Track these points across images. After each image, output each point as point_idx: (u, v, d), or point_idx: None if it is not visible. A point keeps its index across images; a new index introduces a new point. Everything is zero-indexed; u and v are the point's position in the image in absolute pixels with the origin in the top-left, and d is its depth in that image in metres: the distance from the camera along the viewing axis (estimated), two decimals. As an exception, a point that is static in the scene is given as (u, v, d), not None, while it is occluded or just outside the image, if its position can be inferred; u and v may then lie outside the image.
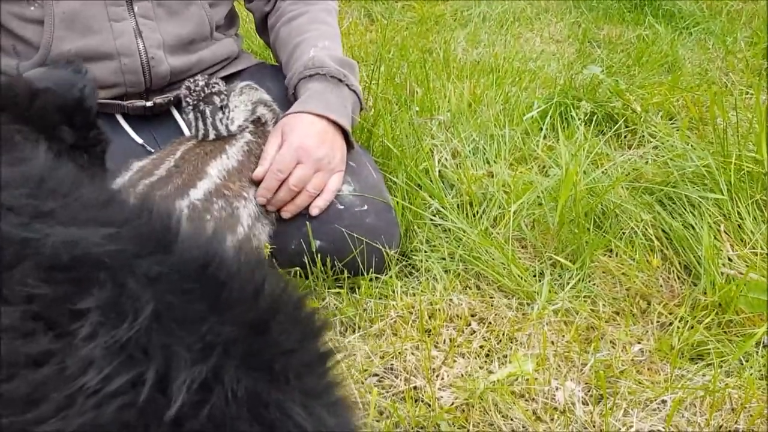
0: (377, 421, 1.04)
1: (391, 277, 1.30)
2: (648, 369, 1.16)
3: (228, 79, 1.39)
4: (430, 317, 1.24)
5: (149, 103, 1.33)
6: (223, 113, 1.22)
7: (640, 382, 1.12)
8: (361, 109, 1.40)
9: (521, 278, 1.30)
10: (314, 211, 1.25)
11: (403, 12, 2.95)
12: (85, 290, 0.45)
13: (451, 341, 1.19)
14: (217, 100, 1.22)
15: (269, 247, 1.25)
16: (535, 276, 1.34)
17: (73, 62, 1.03)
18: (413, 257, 1.37)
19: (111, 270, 0.46)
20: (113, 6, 1.26)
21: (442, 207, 1.42)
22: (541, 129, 1.79)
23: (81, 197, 0.52)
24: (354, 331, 1.22)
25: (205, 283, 0.50)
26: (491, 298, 1.29)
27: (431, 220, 1.43)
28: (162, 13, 1.31)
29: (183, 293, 0.48)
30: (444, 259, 1.36)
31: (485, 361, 1.16)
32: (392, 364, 1.14)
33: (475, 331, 1.22)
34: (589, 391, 1.10)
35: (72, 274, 0.46)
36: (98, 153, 1.03)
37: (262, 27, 1.52)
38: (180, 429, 0.42)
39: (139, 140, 1.36)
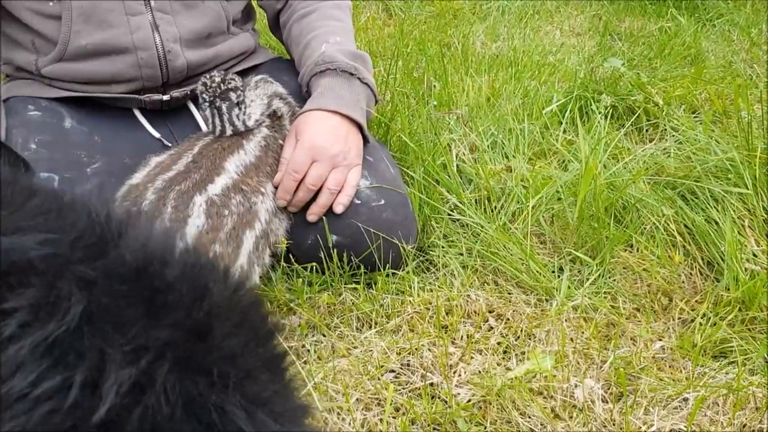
0: (393, 417, 1.03)
1: (408, 272, 1.29)
2: (669, 366, 1.15)
3: (245, 73, 1.38)
4: (447, 313, 1.23)
5: (166, 97, 1.34)
6: (240, 109, 1.22)
7: (661, 380, 1.10)
8: (376, 102, 1.39)
9: (540, 274, 1.28)
10: (338, 208, 1.24)
11: (421, 6, 2.93)
12: (15, 292, 0.45)
13: (468, 337, 1.18)
14: (233, 96, 1.21)
15: (286, 242, 1.25)
16: (553, 272, 1.32)
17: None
18: (430, 253, 1.36)
19: (44, 273, 0.46)
20: (130, 0, 1.26)
21: (460, 202, 1.41)
22: (561, 123, 1.77)
23: (28, 207, 0.52)
24: (370, 327, 1.22)
25: (142, 287, 0.49)
26: (509, 294, 1.28)
27: (449, 215, 1.41)
28: (178, 7, 1.31)
29: (118, 297, 0.48)
30: (461, 254, 1.35)
31: (503, 358, 1.15)
32: (409, 360, 1.14)
33: (492, 328, 1.21)
34: (608, 389, 1.09)
35: (5, 279, 0.46)
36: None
37: (275, 25, 1.52)
38: (110, 431, 0.42)
39: (156, 134, 1.36)
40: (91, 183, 1.21)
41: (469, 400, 1.05)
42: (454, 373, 1.10)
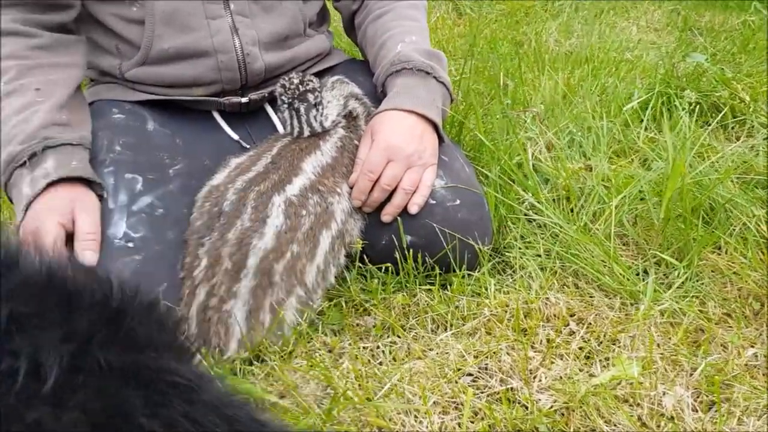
0: (471, 422, 1.01)
1: (483, 274, 1.27)
2: (763, 374, 1.08)
3: (320, 74, 1.39)
4: (525, 316, 1.20)
5: (245, 100, 1.35)
6: (317, 110, 1.23)
7: (755, 388, 1.04)
8: (452, 101, 1.37)
9: (623, 277, 1.24)
10: (413, 209, 1.23)
11: (491, 5, 2.89)
12: None
13: (548, 342, 1.15)
14: (311, 97, 1.22)
15: (360, 242, 1.25)
16: (638, 274, 1.27)
17: None
18: (506, 254, 1.33)
19: None
20: (210, 4, 1.28)
21: (538, 201, 1.38)
22: (642, 120, 1.70)
23: None
24: (446, 329, 1.20)
25: (53, 294, 0.56)
26: (591, 297, 1.24)
27: (525, 215, 1.38)
28: (257, 10, 1.32)
29: (35, 304, 0.54)
30: (539, 256, 1.31)
31: (585, 364, 1.11)
32: (486, 364, 1.11)
33: (573, 332, 1.17)
34: (698, 397, 1.04)
35: None
36: None
37: (350, 26, 1.52)
38: (60, 401, 0.50)
39: (235, 136, 1.38)
40: (173, 184, 1.24)
41: (551, 407, 1.02)
42: (535, 378, 1.07)
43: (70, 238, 1.11)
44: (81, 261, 1.03)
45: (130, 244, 1.13)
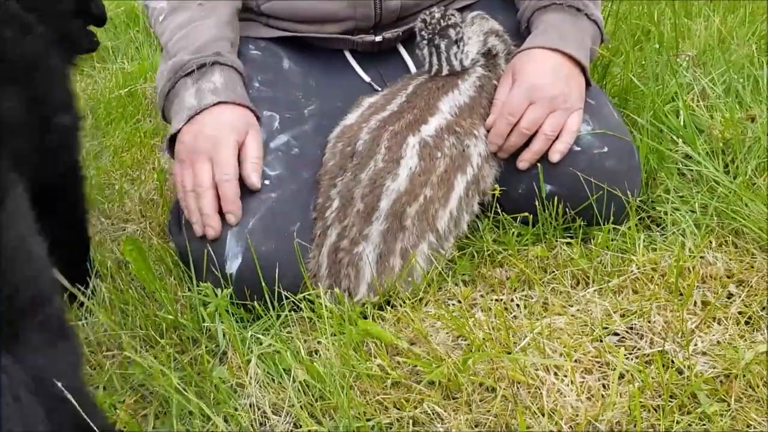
0: (618, 384, 0.93)
1: (630, 228, 1.17)
2: None
3: (459, 12, 1.31)
4: (678, 276, 1.10)
5: (378, 39, 1.30)
6: (458, 47, 1.16)
7: None
8: (602, 42, 1.26)
9: (793, 237, 1.11)
10: (555, 156, 1.15)
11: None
12: None
13: (704, 304, 1.04)
14: (452, 33, 1.15)
15: (498, 189, 1.18)
16: (809, 235, 1.14)
17: None
18: (657, 208, 1.23)
19: None
20: None
21: (694, 152, 1.25)
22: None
23: None
24: (587, 285, 1.12)
25: None
26: (753, 257, 1.11)
27: (678, 167, 1.26)
28: None
29: None
30: (694, 211, 1.20)
31: (746, 330, 1.01)
32: (634, 324, 1.03)
33: (732, 295, 1.06)
34: None
35: None
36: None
37: None
38: None
39: (367, 78, 1.33)
40: (307, 124, 1.22)
41: (710, 373, 0.92)
42: (690, 342, 0.98)
43: None
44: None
45: (267, 182, 1.12)
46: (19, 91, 1.01)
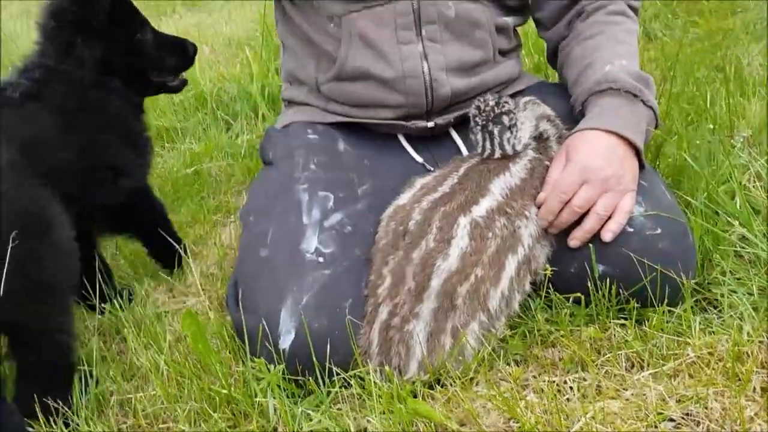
0: (675, 473, 0.90)
1: (686, 310, 1.15)
2: None
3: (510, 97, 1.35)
4: (736, 360, 1.07)
5: (431, 124, 1.35)
6: (511, 133, 1.20)
7: None
8: (657, 127, 1.28)
9: None
10: (607, 236, 1.15)
11: (685, 28, 2.71)
12: None
13: (762, 390, 1.01)
14: (506, 119, 1.19)
15: (549, 269, 1.18)
16: None
17: None
18: (713, 290, 1.21)
19: None
20: (403, 30, 1.30)
21: (751, 233, 1.23)
22: None
23: None
24: (642, 368, 1.10)
25: None
26: (817, 344, 1.08)
27: (734, 248, 1.24)
28: (448, 37, 1.32)
29: None
30: (752, 294, 1.17)
31: (812, 419, 0.97)
32: (690, 410, 1.00)
33: (796, 382, 1.03)
34: None
35: None
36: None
37: (554, 54, 1.46)
38: None
39: (420, 159, 1.38)
40: (361, 203, 1.26)
41: (772, 465, 0.89)
42: (748, 430, 0.95)
43: None
44: None
45: (320, 259, 1.16)
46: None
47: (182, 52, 1.51)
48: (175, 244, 1.48)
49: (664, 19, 2.72)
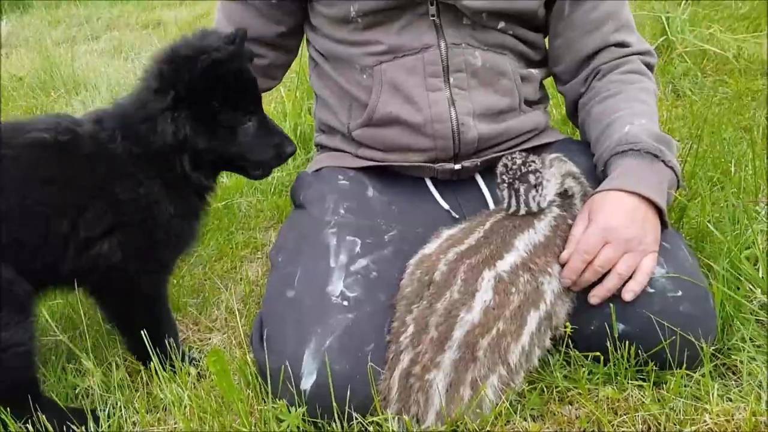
0: None
1: (704, 375, 1.16)
2: None
3: (535, 150, 1.39)
4: (752, 430, 1.07)
5: (458, 166, 1.39)
6: (537, 191, 1.22)
7: None
8: (678, 188, 1.30)
9: None
10: (628, 296, 1.17)
11: (714, 87, 2.73)
12: None
13: (781, 463, 1.01)
14: (532, 178, 1.22)
15: (569, 327, 1.20)
16: None
17: (238, 35, 1.25)
18: (732, 356, 1.21)
19: None
20: (432, 78, 1.35)
21: (772, 302, 1.24)
22: None
23: None
24: (658, 432, 1.10)
25: None
26: (836, 418, 1.08)
27: (755, 316, 1.25)
28: (475, 84, 1.37)
29: None
30: (772, 362, 1.18)
31: (828, 495, 0.97)
32: (706, 478, 1.00)
33: (813, 456, 1.02)
34: None
35: None
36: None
37: (573, 109, 1.50)
38: None
39: (446, 206, 1.41)
40: (387, 249, 1.29)
41: None
42: (765, 503, 0.95)
43: None
44: None
45: (345, 303, 1.18)
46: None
47: (278, 151, 1.31)
48: (157, 349, 1.24)
49: (694, 78, 2.74)
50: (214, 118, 1.22)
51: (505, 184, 1.24)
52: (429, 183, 1.44)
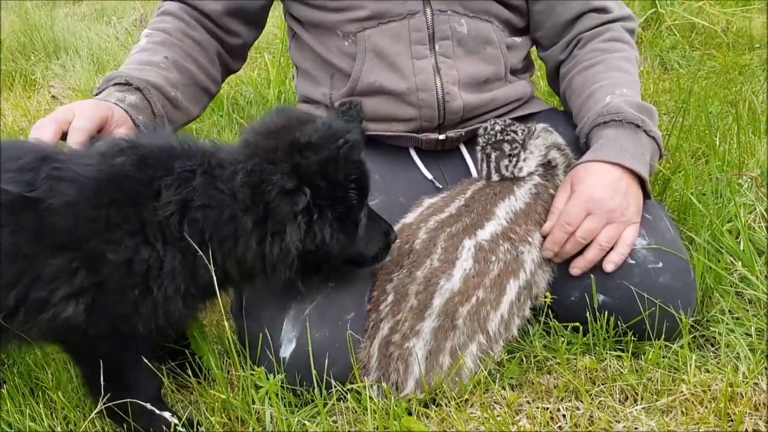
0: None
1: (683, 347, 1.16)
2: None
3: (520, 120, 1.37)
4: (729, 401, 1.08)
5: (442, 137, 1.37)
6: (510, 161, 1.21)
7: None
8: (660, 157, 1.29)
9: None
10: (609, 266, 1.17)
11: (702, 61, 2.72)
12: None
13: (755, 432, 1.02)
14: (507, 147, 1.21)
15: (549, 296, 1.20)
16: None
17: (353, 107, 1.11)
18: (711, 328, 1.22)
19: None
20: (417, 45, 1.32)
21: (752, 274, 1.24)
22: None
23: None
24: (635, 402, 1.11)
25: None
26: (811, 389, 1.09)
27: (735, 288, 1.26)
28: (461, 52, 1.35)
29: None
30: (749, 335, 1.18)
31: (800, 464, 0.98)
32: (681, 447, 1.01)
33: (787, 426, 1.03)
34: None
35: None
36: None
37: (554, 76, 1.49)
38: None
39: (429, 175, 1.40)
40: (369, 218, 1.27)
41: (758, 508, 0.90)
42: (738, 471, 0.96)
43: None
44: None
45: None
46: None
47: (386, 240, 1.11)
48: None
49: (682, 51, 2.73)
50: (348, 215, 1.00)
51: (479, 147, 1.23)
52: (413, 153, 1.43)
